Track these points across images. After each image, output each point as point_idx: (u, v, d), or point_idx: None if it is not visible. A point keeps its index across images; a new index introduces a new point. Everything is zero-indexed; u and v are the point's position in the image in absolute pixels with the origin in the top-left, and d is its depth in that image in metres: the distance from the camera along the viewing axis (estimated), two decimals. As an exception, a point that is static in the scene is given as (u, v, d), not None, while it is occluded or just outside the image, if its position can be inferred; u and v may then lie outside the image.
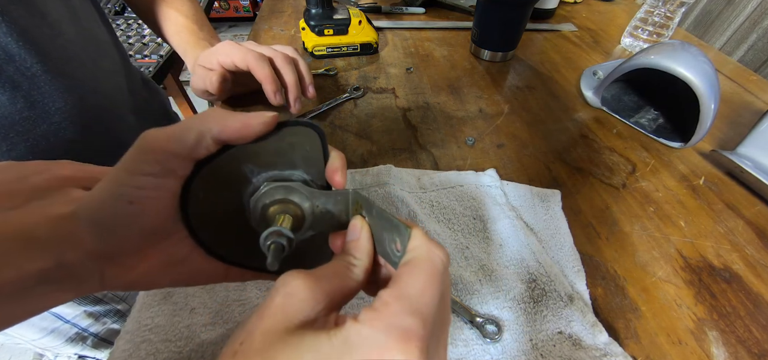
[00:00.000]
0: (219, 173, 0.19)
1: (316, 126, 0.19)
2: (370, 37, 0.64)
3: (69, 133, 0.37)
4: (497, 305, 0.32)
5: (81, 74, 0.37)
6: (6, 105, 0.32)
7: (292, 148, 0.19)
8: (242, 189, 0.20)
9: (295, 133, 0.19)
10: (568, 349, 0.30)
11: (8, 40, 0.31)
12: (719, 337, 0.32)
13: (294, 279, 0.15)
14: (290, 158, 0.20)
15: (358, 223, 0.19)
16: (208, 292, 0.32)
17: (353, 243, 0.19)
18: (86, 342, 0.51)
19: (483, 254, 0.35)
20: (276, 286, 0.15)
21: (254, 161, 0.19)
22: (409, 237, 0.17)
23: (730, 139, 0.52)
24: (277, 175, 0.20)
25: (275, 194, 0.19)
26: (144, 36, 0.88)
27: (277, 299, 0.15)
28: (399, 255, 0.18)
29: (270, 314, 0.14)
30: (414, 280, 0.15)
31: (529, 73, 0.64)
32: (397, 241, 0.18)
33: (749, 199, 0.44)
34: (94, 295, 0.48)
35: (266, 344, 0.13)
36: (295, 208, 0.20)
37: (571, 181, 0.45)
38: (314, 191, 0.20)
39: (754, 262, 0.37)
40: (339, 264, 0.18)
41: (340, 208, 0.20)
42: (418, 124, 0.51)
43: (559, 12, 0.86)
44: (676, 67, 0.45)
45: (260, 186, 0.20)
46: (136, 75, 0.52)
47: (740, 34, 0.95)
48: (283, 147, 0.19)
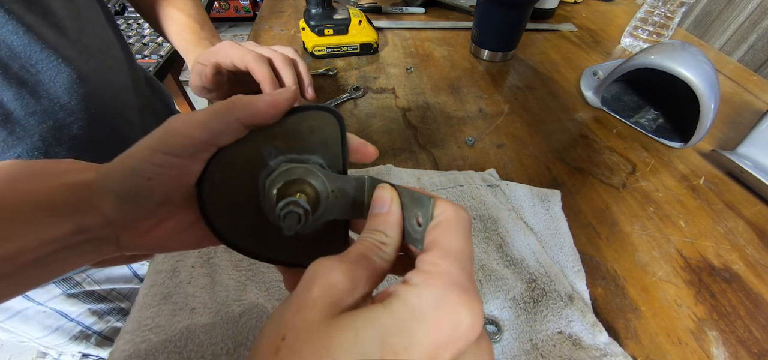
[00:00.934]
0: (237, 154, 0.19)
1: (336, 111, 0.19)
2: (370, 37, 0.64)
3: (74, 129, 0.37)
4: (497, 305, 0.32)
5: (86, 71, 0.38)
6: (12, 101, 0.32)
7: (312, 132, 0.19)
8: (258, 172, 0.20)
9: (314, 117, 0.19)
10: (568, 349, 0.30)
11: (14, 37, 0.31)
12: (719, 337, 0.32)
13: (331, 269, 0.15)
14: (309, 142, 0.20)
15: (387, 195, 0.18)
16: (208, 292, 0.32)
17: (382, 217, 0.18)
18: (90, 340, 0.51)
19: (483, 254, 0.35)
20: (309, 277, 0.15)
21: (272, 143, 0.19)
22: (433, 207, 0.17)
23: (730, 139, 0.52)
24: (294, 157, 0.20)
25: (291, 174, 0.19)
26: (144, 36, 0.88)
27: (315, 290, 0.14)
28: (421, 230, 0.17)
29: (312, 305, 0.14)
30: (453, 238, 0.15)
31: (529, 73, 0.64)
32: (419, 214, 0.17)
33: (749, 199, 0.44)
34: (98, 293, 0.49)
35: (317, 335, 0.13)
36: (310, 190, 0.19)
37: (571, 181, 0.45)
38: (330, 175, 0.20)
39: (754, 262, 0.37)
40: (369, 243, 0.17)
41: (356, 192, 0.20)
42: (418, 124, 0.51)
43: (559, 12, 0.86)
44: (676, 67, 0.45)
45: (276, 168, 0.19)
46: (140, 73, 0.53)
47: (740, 34, 0.95)
48: (302, 131, 0.19)
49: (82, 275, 0.46)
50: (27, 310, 0.44)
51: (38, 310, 0.44)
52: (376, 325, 0.13)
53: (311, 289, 0.14)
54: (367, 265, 0.16)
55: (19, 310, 0.43)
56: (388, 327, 0.13)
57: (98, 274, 0.48)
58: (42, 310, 0.44)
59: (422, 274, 0.14)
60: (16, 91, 0.32)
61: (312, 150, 0.20)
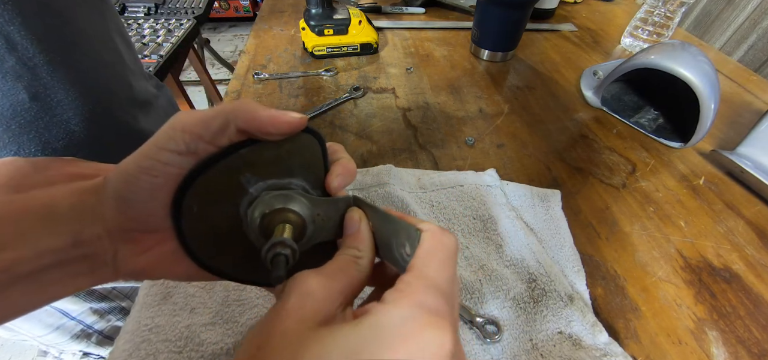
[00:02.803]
0: (213, 184, 0.18)
1: (316, 132, 0.19)
2: (370, 37, 0.64)
3: (73, 125, 0.36)
4: (497, 305, 0.32)
5: (85, 66, 0.37)
6: (8, 96, 0.32)
7: (290, 156, 0.19)
8: (239, 200, 0.19)
9: (292, 140, 0.18)
10: (568, 349, 0.30)
11: (11, 28, 0.30)
12: (719, 337, 0.32)
13: (308, 279, 0.15)
14: (288, 166, 0.19)
15: (356, 215, 0.19)
16: (208, 292, 0.32)
17: (353, 236, 0.19)
18: (91, 339, 0.51)
19: (483, 254, 0.35)
20: (289, 288, 0.15)
21: (251, 170, 0.18)
22: (420, 240, 0.17)
23: (730, 139, 0.52)
24: (275, 183, 0.19)
25: (274, 203, 0.19)
26: (144, 36, 0.88)
27: (292, 300, 0.15)
28: (409, 258, 0.17)
29: (286, 316, 0.14)
30: (432, 262, 0.16)
31: (529, 73, 0.64)
32: (406, 244, 0.18)
33: (749, 199, 0.44)
34: (100, 291, 0.48)
35: (288, 345, 0.13)
36: (295, 218, 0.19)
37: (571, 181, 0.45)
38: (314, 199, 0.19)
39: (754, 262, 0.37)
40: (344, 258, 0.18)
41: (341, 214, 0.20)
42: (418, 124, 0.51)
43: (559, 12, 0.86)
44: (676, 67, 0.45)
45: (258, 196, 0.19)
46: (143, 71, 0.52)
47: (740, 34, 0.95)
48: (281, 155, 0.19)
49: None
50: None
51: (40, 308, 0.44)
52: (344, 342, 0.13)
53: (289, 299, 0.15)
54: (342, 278, 0.16)
55: None
56: (355, 344, 0.13)
57: None
58: (44, 309, 0.44)
59: (395, 293, 0.15)
60: (12, 85, 0.32)
61: (292, 173, 0.19)
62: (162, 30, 0.90)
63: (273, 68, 0.61)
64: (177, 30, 0.91)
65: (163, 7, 0.99)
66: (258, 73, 0.58)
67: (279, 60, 0.63)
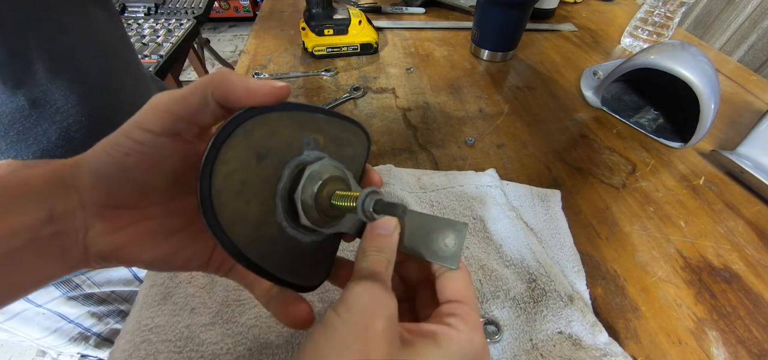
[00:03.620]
0: (263, 140, 0.16)
1: (367, 132, 0.20)
2: (370, 37, 0.64)
3: (73, 132, 0.36)
4: (497, 305, 0.32)
5: (85, 71, 0.37)
6: (6, 102, 0.31)
7: (348, 144, 0.20)
8: (287, 161, 0.17)
9: (353, 130, 0.20)
10: (568, 349, 0.30)
11: (10, 34, 0.30)
12: (719, 337, 0.32)
13: (386, 299, 0.17)
14: (343, 152, 0.20)
15: (393, 222, 0.20)
16: (208, 292, 0.32)
17: (385, 238, 0.19)
18: (89, 342, 0.51)
19: (483, 254, 0.35)
20: (364, 307, 0.16)
21: (315, 134, 0.18)
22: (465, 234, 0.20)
23: (730, 139, 0.52)
24: (332, 162, 0.19)
25: (338, 171, 0.18)
26: (144, 36, 0.88)
27: (379, 324, 0.16)
28: (451, 249, 0.19)
29: (379, 339, 0.15)
30: (465, 284, 0.20)
31: (529, 73, 0.64)
32: (449, 235, 0.19)
33: (749, 199, 0.44)
34: (98, 295, 0.48)
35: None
36: (352, 201, 0.18)
37: (571, 181, 0.45)
38: (356, 187, 0.20)
39: (754, 262, 0.37)
40: (382, 262, 0.19)
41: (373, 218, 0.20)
42: (418, 124, 0.51)
43: (559, 12, 0.86)
44: (676, 67, 0.45)
45: (315, 160, 0.18)
46: (145, 73, 0.52)
47: (740, 34, 0.95)
48: (343, 139, 0.19)
49: (81, 277, 0.46)
50: (26, 311, 0.43)
51: (37, 311, 0.44)
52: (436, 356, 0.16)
53: (375, 323, 0.16)
54: (387, 282, 0.18)
55: (18, 311, 0.43)
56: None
57: (98, 276, 0.47)
58: (41, 312, 0.44)
59: (455, 319, 0.18)
60: (10, 91, 0.31)
61: (342, 160, 0.20)
62: (162, 30, 0.91)
63: (273, 68, 0.61)
64: (177, 30, 0.91)
65: (163, 7, 0.99)
66: (258, 73, 0.58)
67: (279, 60, 0.63)
